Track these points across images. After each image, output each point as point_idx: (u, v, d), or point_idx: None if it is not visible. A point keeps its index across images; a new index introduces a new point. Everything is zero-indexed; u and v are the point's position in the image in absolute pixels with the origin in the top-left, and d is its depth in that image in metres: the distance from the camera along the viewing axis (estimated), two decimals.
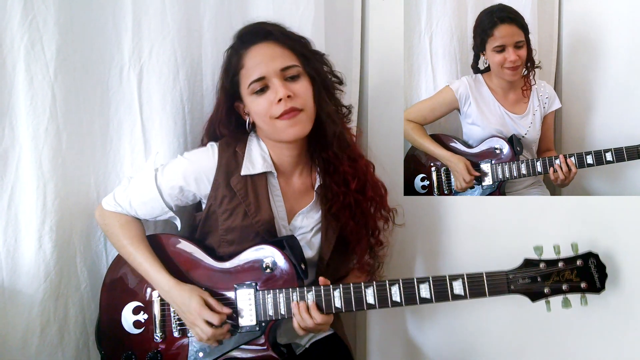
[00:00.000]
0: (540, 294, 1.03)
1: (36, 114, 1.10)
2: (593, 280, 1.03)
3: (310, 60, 1.10)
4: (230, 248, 1.13)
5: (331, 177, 1.15)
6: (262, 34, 1.09)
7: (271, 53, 1.07)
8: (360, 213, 1.17)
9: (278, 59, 1.06)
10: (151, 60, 1.22)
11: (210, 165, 1.12)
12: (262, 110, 1.07)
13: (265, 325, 1.08)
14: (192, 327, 1.08)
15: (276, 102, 1.05)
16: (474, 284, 1.03)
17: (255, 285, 1.09)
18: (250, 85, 1.07)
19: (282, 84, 1.05)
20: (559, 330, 1.21)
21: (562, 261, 1.04)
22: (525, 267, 1.04)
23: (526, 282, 1.03)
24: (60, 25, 1.10)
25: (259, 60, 1.07)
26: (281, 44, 1.08)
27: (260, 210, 1.12)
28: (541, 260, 1.04)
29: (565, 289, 1.03)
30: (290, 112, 1.05)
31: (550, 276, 1.03)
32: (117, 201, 1.15)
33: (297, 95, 1.06)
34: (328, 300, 1.05)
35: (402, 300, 1.04)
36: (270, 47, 1.08)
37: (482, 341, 1.36)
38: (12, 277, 1.12)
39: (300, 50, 1.10)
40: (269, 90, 1.06)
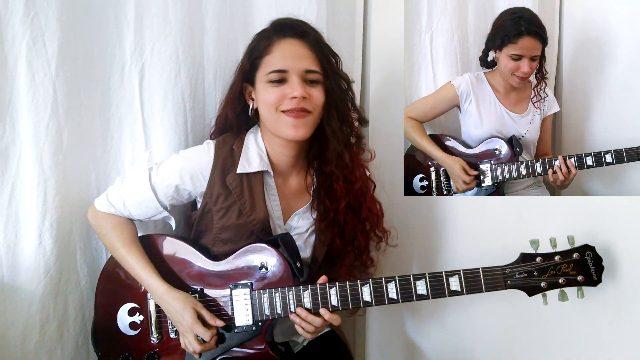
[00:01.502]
0: (537, 288, 1.03)
1: (37, 111, 1.10)
2: (590, 273, 1.02)
3: (332, 76, 1.10)
4: (224, 247, 1.13)
5: (326, 192, 1.15)
6: (299, 31, 1.09)
7: (301, 52, 1.07)
8: (350, 231, 1.17)
9: (306, 59, 1.07)
10: (153, 58, 1.22)
11: (206, 163, 1.12)
12: (272, 100, 1.07)
13: (262, 325, 1.08)
14: (182, 336, 1.08)
15: (290, 97, 1.05)
16: (471, 280, 1.03)
17: (250, 285, 1.09)
18: (269, 72, 1.07)
19: (301, 83, 1.06)
20: (558, 326, 1.21)
21: (558, 254, 1.03)
22: (521, 262, 1.04)
23: (523, 277, 1.03)
24: (62, 22, 1.11)
25: (287, 53, 1.07)
26: (313, 48, 1.08)
27: (255, 209, 1.11)
28: (537, 254, 1.03)
29: (562, 282, 1.02)
30: (300, 111, 1.06)
31: (547, 270, 1.03)
32: (111, 202, 1.14)
33: (311, 99, 1.07)
34: (324, 298, 1.05)
35: (399, 297, 1.04)
36: (302, 46, 1.08)
37: (481, 340, 1.36)
38: (12, 273, 1.12)
39: (327, 63, 1.10)
40: (286, 84, 1.06)
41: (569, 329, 1.20)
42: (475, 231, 1.36)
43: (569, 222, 1.18)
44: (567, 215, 1.21)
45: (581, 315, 1.16)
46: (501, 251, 1.09)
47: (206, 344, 1.06)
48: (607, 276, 1.04)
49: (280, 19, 1.13)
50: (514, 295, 1.04)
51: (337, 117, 1.12)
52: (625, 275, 1.09)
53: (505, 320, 1.30)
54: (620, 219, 1.14)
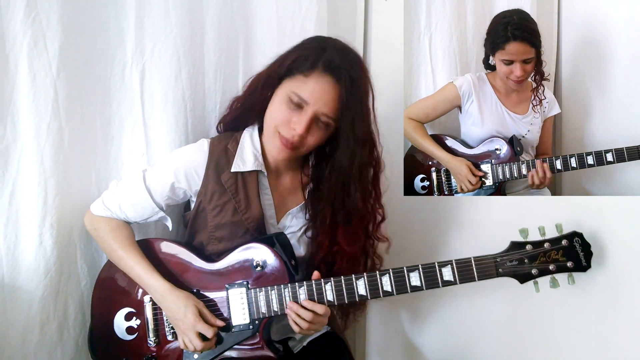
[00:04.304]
0: (528, 275, 1.05)
1: (38, 111, 1.10)
2: (579, 259, 1.04)
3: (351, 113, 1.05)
4: (219, 245, 1.13)
5: (317, 202, 1.14)
6: (340, 72, 1.03)
7: (330, 94, 1.03)
8: (338, 235, 1.13)
9: (329, 103, 1.03)
10: (153, 58, 1.23)
11: (200, 160, 1.12)
12: (276, 117, 1.07)
13: (258, 324, 1.08)
14: (182, 335, 1.07)
15: (292, 126, 1.05)
16: (463, 269, 1.04)
17: (246, 284, 1.09)
18: (293, 92, 1.04)
19: (309, 122, 1.04)
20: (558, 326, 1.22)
21: (547, 242, 1.05)
22: (511, 250, 1.05)
23: (514, 265, 1.05)
24: (63, 22, 1.11)
25: (318, 89, 1.03)
26: (341, 96, 1.03)
27: (250, 207, 1.11)
28: (527, 242, 1.05)
29: (552, 269, 1.04)
30: (290, 142, 1.06)
31: (537, 257, 1.05)
32: (106, 205, 1.14)
33: (307, 138, 1.06)
34: (320, 293, 1.06)
35: (393, 290, 1.05)
36: (333, 89, 1.03)
37: (481, 340, 1.36)
38: (12, 273, 1.11)
39: (350, 107, 1.04)
40: (299, 112, 1.05)
41: (569, 329, 1.20)
42: (476, 231, 1.36)
43: (569, 221, 1.18)
44: (568, 214, 1.21)
45: (581, 315, 1.16)
46: (502, 250, 1.09)
47: (207, 342, 1.06)
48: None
49: (337, 48, 1.06)
50: (514, 294, 1.05)
51: (354, 131, 1.06)
52: (613, 261, 1.11)
53: (505, 320, 1.30)
54: (620, 219, 1.14)
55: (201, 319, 1.05)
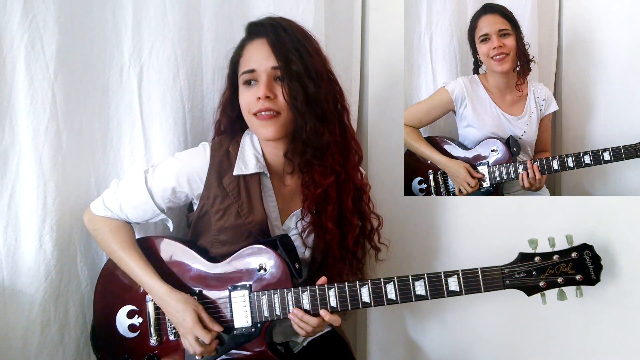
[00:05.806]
0: (535, 288, 1.03)
1: (36, 114, 1.10)
2: (588, 272, 1.02)
3: (301, 70, 1.03)
4: (223, 249, 1.13)
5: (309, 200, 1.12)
6: (264, 29, 1.07)
7: (266, 50, 1.05)
8: (330, 239, 1.13)
9: (269, 56, 1.04)
10: (151, 59, 1.22)
11: (202, 165, 1.12)
12: (244, 103, 1.08)
13: (260, 326, 1.08)
14: (182, 337, 1.08)
15: (256, 98, 1.05)
16: (469, 280, 1.03)
17: (249, 287, 1.09)
18: (242, 74, 1.08)
19: (268, 83, 1.04)
20: (558, 325, 1.22)
21: (557, 254, 1.03)
22: (520, 261, 1.04)
23: (521, 277, 1.03)
24: (60, 24, 1.10)
25: (255, 53, 1.07)
26: (272, 43, 1.04)
27: (253, 211, 1.11)
28: (536, 254, 1.04)
29: (561, 281, 1.02)
30: (266, 112, 1.05)
31: (546, 269, 1.03)
32: (107, 205, 1.14)
33: (278, 99, 1.05)
34: (323, 299, 1.05)
35: (398, 298, 1.04)
36: (266, 44, 1.05)
37: (482, 339, 1.36)
38: (13, 276, 1.12)
39: (292, 56, 1.03)
40: (256, 86, 1.06)
41: (569, 328, 1.21)
42: (475, 231, 1.36)
43: (568, 221, 1.19)
44: (567, 214, 1.22)
45: (580, 313, 1.17)
46: (501, 250, 1.09)
47: (206, 347, 1.06)
48: (606, 275, 1.04)
49: (252, 21, 1.12)
50: (514, 294, 1.04)
51: (313, 115, 1.04)
52: (624, 274, 1.10)
53: (506, 320, 1.31)
54: (619, 219, 1.14)
55: (199, 323, 1.05)
